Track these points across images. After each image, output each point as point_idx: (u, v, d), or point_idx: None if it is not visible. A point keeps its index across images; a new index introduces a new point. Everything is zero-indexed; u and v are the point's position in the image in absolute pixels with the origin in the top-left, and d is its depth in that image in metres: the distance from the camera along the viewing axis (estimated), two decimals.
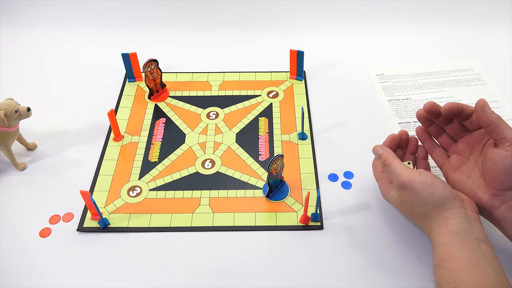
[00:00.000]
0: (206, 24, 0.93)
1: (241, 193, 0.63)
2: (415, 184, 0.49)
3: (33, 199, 0.62)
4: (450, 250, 0.46)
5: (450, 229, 0.47)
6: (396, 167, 0.51)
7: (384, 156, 0.54)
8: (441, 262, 0.46)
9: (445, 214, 0.49)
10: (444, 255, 0.46)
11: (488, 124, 0.50)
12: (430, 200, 0.49)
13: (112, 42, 0.89)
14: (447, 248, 0.46)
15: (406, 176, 0.50)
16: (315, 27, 0.93)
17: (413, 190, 0.50)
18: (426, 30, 0.91)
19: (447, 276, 0.45)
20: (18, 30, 0.92)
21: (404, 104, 0.76)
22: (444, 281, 0.45)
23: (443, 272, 0.46)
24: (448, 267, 0.45)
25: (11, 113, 0.61)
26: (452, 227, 0.47)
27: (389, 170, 0.52)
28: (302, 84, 0.80)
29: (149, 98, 0.77)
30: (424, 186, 0.49)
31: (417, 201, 0.50)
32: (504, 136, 0.49)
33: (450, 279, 0.45)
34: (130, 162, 0.67)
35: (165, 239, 0.58)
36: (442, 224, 0.48)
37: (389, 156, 0.53)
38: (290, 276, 0.54)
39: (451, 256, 0.46)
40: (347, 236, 0.58)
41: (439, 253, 0.47)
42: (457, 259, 0.45)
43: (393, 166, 0.52)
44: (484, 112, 0.50)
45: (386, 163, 0.53)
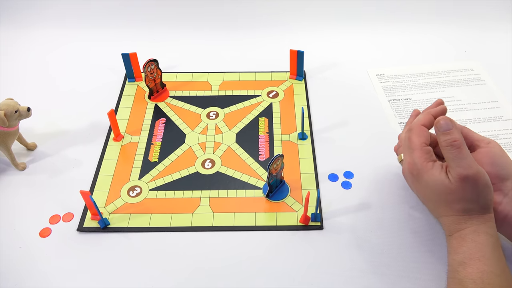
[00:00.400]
0: (206, 24, 0.93)
1: (241, 193, 0.63)
2: (479, 182, 0.47)
3: (33, 199, 0.62)
4: (484, 251, 0.46)
5: (487, 231, 0.47)
6: (467, 155, 0.47)
7: (455, 136, 0.48)
8: (470, 261, 0.46)
9: (487, 216, 0.48)
10: (476, 254, 0.46)
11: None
12: (483, 201, 0.48)
13: (112, 42, 0.89)
14: (481, 248, 0.46)
15: (475, 170, 0.47)
16: (315, 27, 0.93)
17: (475, 186, 0.47)
18: (426, 30, 0.91)
19: (475, 276, 0.44)
20: (18, 30, 0.92)
21: (404, 104, 0.76)
22: (471, 280, 0.45)
23: (470, 271, 0.45)
24: (478, 267, 0.45)
25: (11, 113, 0.61)
26: (489, 229, 0.47)
27: (457, 155, 0.47)
28: (302, 84, 0.80)
29: (149, 98, 0.77)
30: (485, 187, 0.48)
31: (470, 198, 0.48)
32: (476, 138, 0.54)
33: (479, 279, 0.44)
34: (130, 162, 0.67)
35: (165, 239, 0.58)
36: (481, 225, 0.48)
37: (460, 138, 0.48)
38: (290, 276, 0.54)
39: (484, 257, 0.45)
40: (347, 236, 0.58)
41: (470, 251, 0.46)
42: (489, 261, 0.45)
43: (464, 152, 0.47)
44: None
45: (456, 144, 0.48)
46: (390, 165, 0.65)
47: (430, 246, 0.56)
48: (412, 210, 0.60)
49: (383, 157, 0.66)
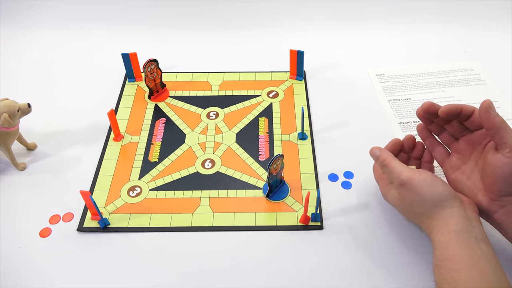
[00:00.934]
0: (206, 24, 0.93)
1: (241, 193, 0.63)
2: (415, 183, 0.50)
3: (33, 199, 0.62)
4: (450, 250, 0.46)
5: (450, 229, 0.47)
6: (395, 166, 0.52)
7: (382, 157, 0.54)
8: (441, 262, 0.46)
9: (444, 213, 0.48)
10: (444, 254, 0.46)
11: (491, 127, 0.49)
12: (430, 198, 0.49)
13: (112, 42, 0.89)
14: (447, 247, 0.46)
15: (406, 174, 0.50)
16: (315, 27, 0.93)
17: (412, 188, 0.50)
18: (426, 30, 0.91)
19: (447, 276, 0.45)
20: (18, 30, 0.92)
21: (404, 104, 0.76)
22: (444, 281, 0.45)
23: (443, 272, 0.46)
24: (448, 267, 0.45)
25: (14, 113, 0.62)
26: (452, 227, 0.47)
27: (388, 170, 0.53)
28: (302, 84, 0.80)
29: (149, 98, 0.77)
30: (423, 184, 0.49)
31: (417, 200, 0.50)
32: (505, 141, 0.48)
33: (450, 279, 0.44)
34: (130, 162, 0.67)
35: (165, 239, 0.58)
36: (442, 224, 0.48)
37: (387, 157, 0.54)
38: (290, 276, 0.54)
39: (451, 255, 0.46)
40: (347, 236, 0.58)
41: (439, 252, 0.47)
42: (457, 259, 0.45)
43: (392, 165, 0.52)
44: (488, 114, 0.49)
45: (385, 163, 0.53)
46: None
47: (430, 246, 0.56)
48: None
49: None
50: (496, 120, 0.48)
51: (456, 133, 0.55)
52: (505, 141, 0.48)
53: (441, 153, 0.57)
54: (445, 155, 0.57)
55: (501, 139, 0.48)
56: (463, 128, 0.55)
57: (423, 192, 0.49)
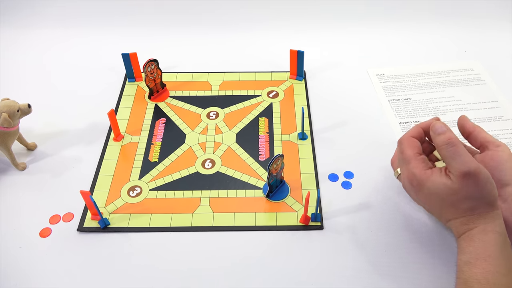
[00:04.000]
0: (206, 24, 0.93)
1: (241, 193, 0.63)
2: (481, 177, 0.46)
3: (33, 199, 0.62)
4: (490, 250, 0.45)
5: (495, 229, 0.46)
6: (464, 152, 0.47)
7: (451, 135, 0.49)
8: (475, 261, 0.45)
9: (493, 214, 0.47)
10: (482, 254, 0.45)
11: (471, 131, 0.54)
12: (488, 197, 0.47)
13: (112, 42, 0.89)
14: (488, 247, 0.45)
15: (475, 165, 0.46)
16: (315, 27, 0.93)
17: (478, 181, 0.46)
18: (426, 30, 0.91)
19: (480, 276, 0.44)
20: (18, 30, 0.92)
21: (404, 104, 0.76)
22: (476, 280, 0.44)
23: (476, 271, 0.44)
24: (483, 267, 0.44)
25: (14, 113, 0.62)
26: (497, 228, 0.46)
27: (454, 153, 0.47)
28: (302, 84, 0.80)
29: (149, 98, 0.77)
30: (487, 182, 0.47)
31: (474, 195, 0.47)
32: (487, 140, 0.53)
33: (483, 279, 0.43)
34: (130, 162, 0.67)
35: (165, 239, 0.58)
36: (489, 223, 0.47)
37: (455, 137, 0.49)
38: (290, 276, 0.54)
39: (490, 256, 0.45)
40: (347, 236, 0.58)
41: (477, 251, 0.46)
42: (495, 261, 0.44)
43: (461, 149, 0.47)
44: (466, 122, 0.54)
45: (452, 142, 0.48)
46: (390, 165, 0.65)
47: (430, 246, 0.56)
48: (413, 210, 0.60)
49: (383, 157, 0.66)
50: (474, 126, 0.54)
51: None
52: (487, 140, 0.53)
53: None
54: None
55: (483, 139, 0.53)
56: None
57: (484, 189, 0.47)
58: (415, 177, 0.51)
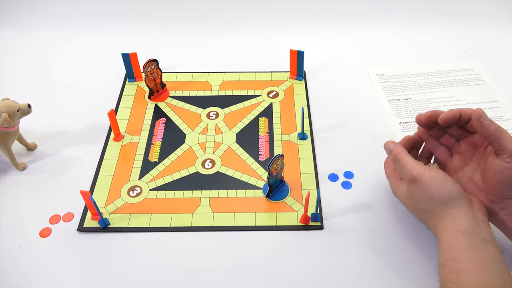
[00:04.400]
0: (206, 24, 0.93)
1: (241, 193, 0.63)
2: (425, 179, 0.49)
3: (33, 199, 0.62)
4: (456, 250, 0.46)
5: (456, 228, 0.47)
6: (407, 161, 0.52)
7: (395, 151, 0.54)
8: (446, 262, 0.46)
9: (452, 213, 0.48)
10: (449, 254, 0.46)
11: (487, 135, 0.49)
12: (439, 196, 0.49)
13: (112, 42, 0.89)
14: (452, 247, 0.46)
15: (417, 170, 0.50)
16: (315, 27, 0.93)
17: (422, 184, 0.50)
18: (426, 30, 0.91)
19: (452, 276, 0.45)
20: (18, 30, 0.92)
21: (404, 104, 0.76)
22: (448, 280, 0.45)
23: (447, 271, 0.45)
24: (452, 267, 0.45)
25: (14, 113, 0.62)
26: (459, 226, 0.47)
27: (400, 165, 0.52)
28: (302, 84, 0.80)
29: (149, 98, 0.77)
30: (433, 182, 0.49)
31: (426, 197, 0.50)
32: (503, 148, 0.48)
33: (455, 279, 0.44)
34: (130, 162, 0.67)
35: (165, 239, 0.58)
36: (449, 223, 0.48)
37: (400, 151, 0.53)
38: (290, 276, 0.54)
39: (456, 256, 0.45)
40: (347, 236, 0.58)
41: (445, 252, 0.47)
42: (463, 259, 0.45)
43: (404, 160, 0.52)
44: (481, 124, 0.49)
45: (397, 158, 0.53)
46: None
47: (430, 246, 0.56)
48: None
49: (383, 157, 0.66)
50: (491, 128, 0.48)
51: (457, 136, 0.56)
52: (503, 148, 0.48)
53: (443, 154, 0.57)
54: (447, 156, 0.57)
55: (500, 146, 0.48)
56: (464, 131, 0.55)
57: (432, 190, 0.49)
58: (393, 189, 0.57)
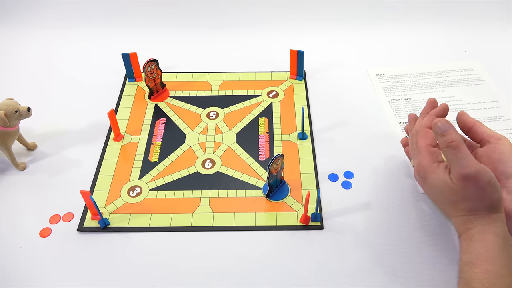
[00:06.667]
0: (206, 24, 0.93)
1: (241, 193, 0.63)
2: (481, 180, 0.47)
3: (33, 199, 0.62)
4: (491, 252, 0.45)
5: (494, 231, 0.47)
6: (466, 154, 0.47)
7: (452, 137, 0.48)
8: (477, 261, 0.45)
9: (493, 216, 0.48)
10: (482, 254, 0.46)
11: (470, 126, 0.54)
12: (489, 200, 0.47)
13: (112, 42, 0.89)
14: (488, 248, 0.46)
15: (475, 168, 0.47)
16: (315, 27, 0.93)
17: (477, 184, 0.47)
18: (426, 30, 0.91)
19: (482, 276, 0.44)
20: (18, 30, 0.92)
21: (404, 104, 0.76)
22: (477, 280, 0.44)
23: (477, 271, 0.45)
24: (484, 268, 0.45)
25: (11, 113, 0.62)
26: (497, 229, 0.47)
27: (457, 155, 0.47)
28: (302, 84, 0.80)
29: (149, 98, 0.77)
30: (488, 184, 0.47)
31: (475, 197, 0.47)
32: (488, 134, 0.54)
33: (485, 279, 0.44)
34: (130, 162, 0.67)
35: (165, 239, 0.58)
36: (488, 225, 0.47)
37: (458, 138, 0.48)
38: (290, 276, 0.54)
39: (491, 257, 0.45)
40: (347, 236, 0.58)
41: (477, 251, 0.46)
42: (497, 262, 0.45)
43: (462, 152, 0.47)
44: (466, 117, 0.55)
45: (454, 145, 0.47)
46: (390, 164, 0.65)
47: (430, 246, 0.56)
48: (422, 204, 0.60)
49: (383, 157, 0.66)
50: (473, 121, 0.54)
51: None
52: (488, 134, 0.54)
53: None
54: None
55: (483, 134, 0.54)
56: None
57: (485, 192, 0.47)
58: (422, 168, 0.52)
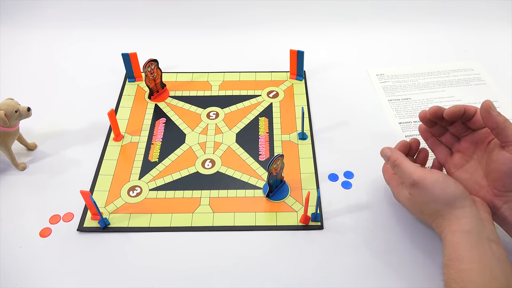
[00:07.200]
0: (206, 24, 0.93)
1: (241, 193, 0.63)
2: (427, 182, 0.49)
3: (33, 199, 0.62)
4: (460, 250, 0.46)
5: (461, 228, 0.47)
6: (407, 166, 0.52)
7: (393, 157, 0.54)
8: (450, 262, 0.46)
9: (456, 213, 0.48)
10: (453, 254, 0.46)
11: (494, 126, 0.49)
12: (442, 197, 0.49)
13: (112, 42, 0.89)
14: (457, 247, 0.46)
15: (418, 174, 0.50)
16: (315, 27, 0.93)
17: (424, 188, 0.50)
18: (426, 30, 0.91)
19: (456, 276, 0.45)
20: (18, 30, 0.92)
21: (404, 104, 0.76)
22: (452, 280, 0.45)
23: (451, 271, 0.45)
24: (457, 267, 0.45)
25: (11, 113, 0.62)
26: (463, 226, 0.47)
27: (400, 170, 0.52)
28: (302, 84, 0.80)
29: (149, 98, 0.77)
30: (435, 184, 0.49)
31: (429, 199, 0.50)
32: (510, 139, 0.49)
33: (458, 278, 0.44)
34: (130, 162, 0.67)
35: (165, 239, 0.58)
36: (453, 223, 0.48)
37: (398, 157, 0.53)
38: (290, 276, 0.54)
39: (461, 255, 0.45)
40: (347, 236, 0.58)
41: (449, 252, 0.47)
42: (467, 259, 0.45)
43: (403, 165, 0.52)
44: (490, 115, 0.49)
45: (396, 163, 0.53)
46: None
47: (429, 246, 0.56)
48: None
49: None
50: (499, 120, 0.49)
51: (459, 133, 0.56)
52: (510, 139, 0.49)
53: (443, 153, 0.58)
54: (447, 154, 0.58)
55: (506, 138, 0.49)
56: (465, 128, 0.55)
57: (435, 192, 0.49)
58: (394, 194, 0.57)
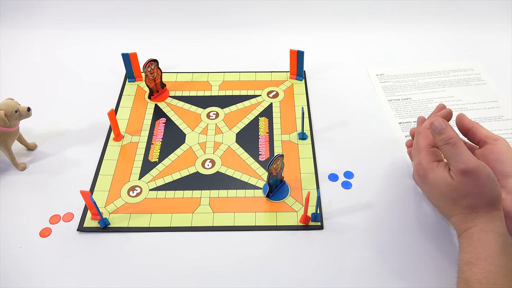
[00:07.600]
0: (206, 24, 0.93)
1: (241, 193, 0.63)
2: (481, 175, 0.47)
3: (33, 199, 0.62)
4: (491, 251, 0.45)
5: (495, 230, 0.46)
6: (463, 150, 0.48)
7: (450, 134, 0.49)
8: (476, 261, 0.45)
9: (493, 214, 0.47)
10: (482, 254, 0.45)
11: (469, 128, 0.56)
12: (489, 194, 0.47)
13: (112, 42, 0.89)
14: (487, 247, 0.45)
15: (473, 163, 0.47)
16: (315, 27, 0.93)
17: (476, 179, 0.47)
18: (426, 30, 0.91)
19: (481, 276, 0.44)
20: (18, 30, 0.92)
21: (404, 104, 0.76)
22: (476, 280, 0.44)
23: (476, 271, 0.45)
24: (483, 267, 0.44)
25: (11, 113, 0.62)
26: (497, 229, 0.47)
27: (454, 152, 0.48)
28: (302, 84, 0.80)
29: (149, 98, 0.77)
30: (488, 180, 0.47)
31: (475, 192, 0.47)
32: (485, 135, 0.55)
33: (484, 279, 0.44)
34: (130, 162, 0.67)
35: (165, 239, 0.58)
36: (487, 223, 0.47)
37: (454, 135, 0.49)
38: (290, 276, 0.54)
39: (490, 257, 0.45)
40: (347, 236, 0.58)
41: (477, 250, 0.46)
42: (496, 262, 0.45)
43: (460, 148, 0.48)
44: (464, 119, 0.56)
45: (451, 142, 0.48)
46: (390, 164, 0.65)
47: (430, 246, 0.56)
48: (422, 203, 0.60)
49: (383, 157, 0.66)
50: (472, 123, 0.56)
51: None
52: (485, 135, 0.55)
53: None
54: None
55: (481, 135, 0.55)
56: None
57: (485, 187, 0.47)
58: (422, 167, 0.53)
